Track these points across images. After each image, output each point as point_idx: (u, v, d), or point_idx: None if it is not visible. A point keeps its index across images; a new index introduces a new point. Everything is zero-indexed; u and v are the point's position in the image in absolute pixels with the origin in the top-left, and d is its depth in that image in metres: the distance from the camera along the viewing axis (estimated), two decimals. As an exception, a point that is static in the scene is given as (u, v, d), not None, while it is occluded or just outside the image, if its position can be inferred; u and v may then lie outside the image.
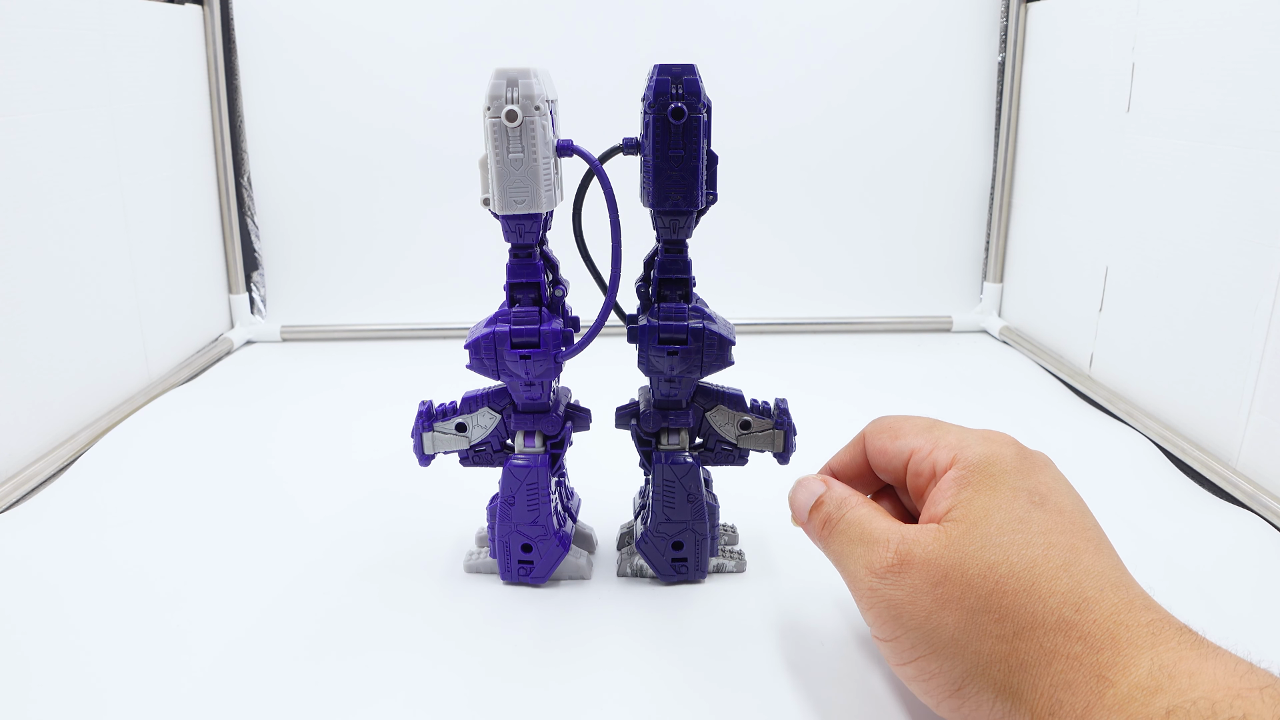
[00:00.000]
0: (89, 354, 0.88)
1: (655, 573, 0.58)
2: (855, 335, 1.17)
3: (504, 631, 0.53)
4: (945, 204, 1.20)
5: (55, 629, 0.54)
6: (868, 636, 0.52)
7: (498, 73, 0.49)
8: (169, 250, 1.03)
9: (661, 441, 0.56)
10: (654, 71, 0.49)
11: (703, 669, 0.50)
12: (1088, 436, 0.82)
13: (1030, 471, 0.42)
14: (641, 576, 0.59)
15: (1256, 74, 0.72)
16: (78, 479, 0.75)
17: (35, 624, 0.54)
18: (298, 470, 0.77)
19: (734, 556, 0.60)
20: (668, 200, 0.51)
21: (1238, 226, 0.74)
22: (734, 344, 0.53)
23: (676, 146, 0.49)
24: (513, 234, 0.52)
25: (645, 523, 0.58)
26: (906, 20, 1.14)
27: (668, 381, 0.54)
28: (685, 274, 0.53)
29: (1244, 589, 0.57)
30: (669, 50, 1.13)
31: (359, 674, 0.49)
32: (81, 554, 0.62)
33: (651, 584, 0.58)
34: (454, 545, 0.63)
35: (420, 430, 0.57)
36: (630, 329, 0.54)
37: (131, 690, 0.48)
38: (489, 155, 0.50)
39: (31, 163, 0.79)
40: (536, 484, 0.55)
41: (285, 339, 1.17)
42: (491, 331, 0.53)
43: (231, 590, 0.58)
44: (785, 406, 0.57)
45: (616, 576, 0.59)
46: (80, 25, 0.86)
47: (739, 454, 0.57)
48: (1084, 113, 0.98)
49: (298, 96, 1.14)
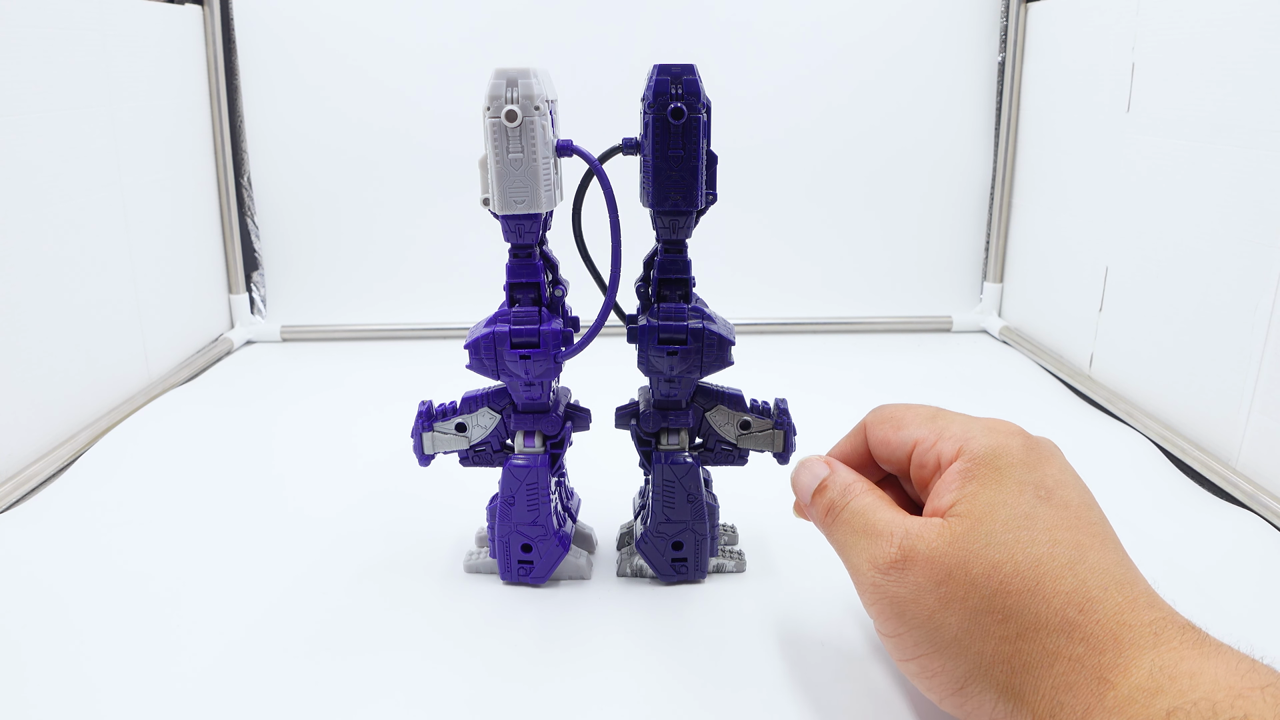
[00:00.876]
0: (89, 354, 0.88)
1: (655, 573, 0.58)
2: (855, 335, 1.17)
3: (504, 631, 0.53)
4: (945, 204, 1.20)
5: (55, 629, 0.53)
6: (868, 638, 0.52)
7: (497, 73, 0.49)
8: (169, 250, 1.03)
9: (661, 441, 0.56)
10: (654, 72, 0.49)
11: (702, 669, 0.50)
12: (1088, 436, 0.82)
13: (1037, 464, 0.42)
14: (641, 576, 0.59)
15: (1257, 74, 0.72)
16: (78, 479, 0.75)
17: (35, 624, 0.54)
18: (298, 470, 0.77)
19: (734, 556, 0.60)
20: (667, 200, 0.51)
21: (1238, 226, 0.74)
22: (733, 344, 0.53)
23: (676, 146, 0.49)
24: (512, 234, 0.52)
25: (645, 523, 0.57)
26: (906, 21, 1.14)
27: (667, 381, 0.54)
28: (685, 274, 0.53)
29: (1244, 589, 0.57)
30: (670, 51, 1.13)
31: (358, 674, 0.49)
32: (81, 554, 0.62)
33: (651, 584, 0.58)
34: (454, 545, 0.63)
35: (420, 430, 0.57)
36: (630, 329, 0.54)
37: (130, 690, 0.48)
38: (489, 155, 0.50)
39: (31, 162, 0.79)
40: (536, 484, 0.55)
41: (285, 339, 1.17)
42: (491, 331, 0.53)
43: (231, 590, 0.58)
44: (785, 407, 0.57)
45: (616, 576, 0.59)
46: (80, 25, 0.86)
47: (739, 454, 0.57)
48: (1084, 113, 0.98)
49: (298, 96, 1.14)
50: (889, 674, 0.49)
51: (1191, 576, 0.58)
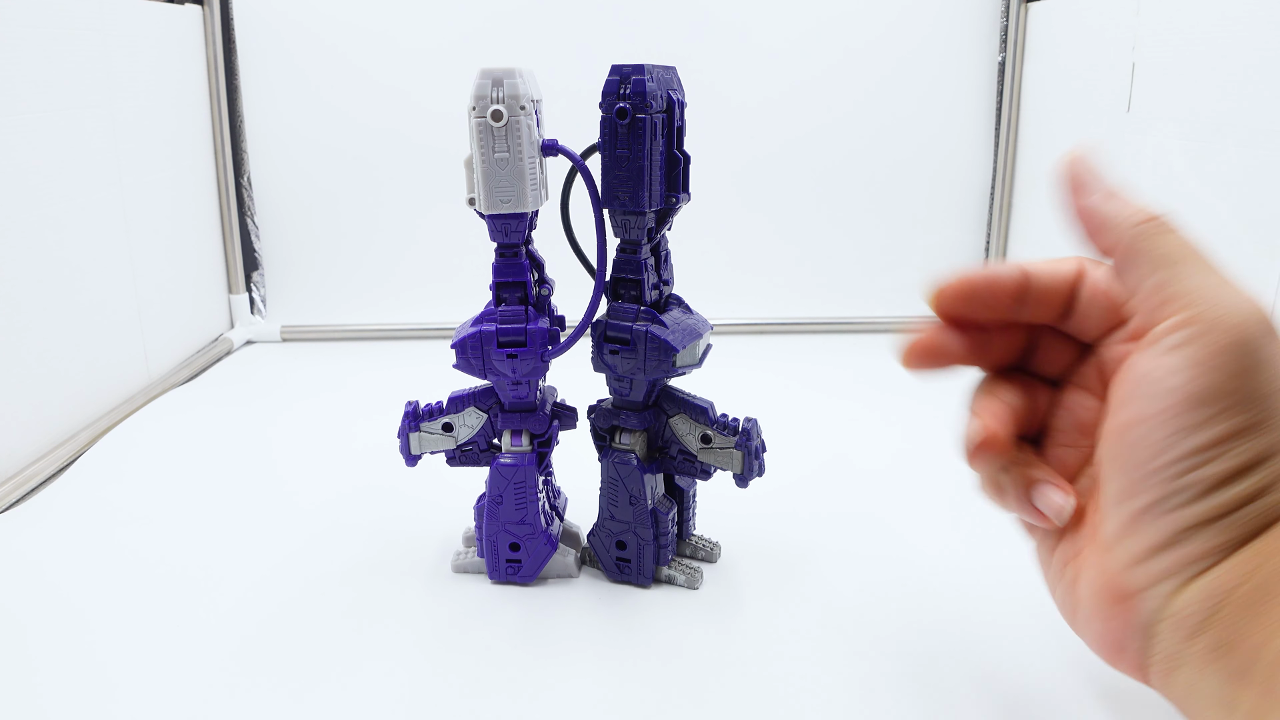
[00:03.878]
0: (89, 354, 0.88)
1: (601, 568, 0.58)
2: (856, 335, 1.17)
3: (491, 630, 0.53)
4: (946, 204, 1.20)
5: (54, 628, 0.54)
6: (864, 648, 0.52)
7: (483, 73, 0.49)
8: (169, 250, 1.04)
9: (615, 439, 0.56)
10: (609, 72, 0.49)
11: (690, 668, 0.50)
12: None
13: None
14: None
15: (1257, 74, 0.71)
16: (78, 479, 0.75)
17: (35, 623, 0.54)
18: (297, 470, 0.77)
19: (686, 571, 0.57)
20: (615, 200, 0.50)
21: (1238, 226, 0.73)
22: (678, 350, 0.51)
23: (622, 146, 0.49)
24: (499, 233, 0.52)
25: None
26: (906, 22, 1.14)
27: (616, 379, 0.54)
28: (637, 275, 0.52)
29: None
30: (672, 56, 1.13)
31: (346, 672, 0.49)
32: (81, 553, 0.63)
33: (639, 584, 0.58)
34: (441, 544, 0.63)
35: (407, 431, 0.57)
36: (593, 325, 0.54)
37: (130, 689, 0.48)
38: (474, 155, 0.50)
39: (31, 162, 0.79)
40: (524, 483, 0.55)
41: (285, 339, 1.17)
42: (478, 331, 0.53)
43: (229, 589, 0.58)
44: (751, 427, 0.54)
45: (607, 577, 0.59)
46: (80, 25, 0.86)
47: (701, 467, 0.56)
48: (1084, 113, 0.98)
49: (298, 96, 1.15)
50: (875, 692, 0.49)
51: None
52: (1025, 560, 0.59)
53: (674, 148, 0.50)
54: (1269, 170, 0.70)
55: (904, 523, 0.66)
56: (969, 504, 0.69)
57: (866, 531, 0.65)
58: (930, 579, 0.58)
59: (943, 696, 0.47)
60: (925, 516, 0.67)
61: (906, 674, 0.49)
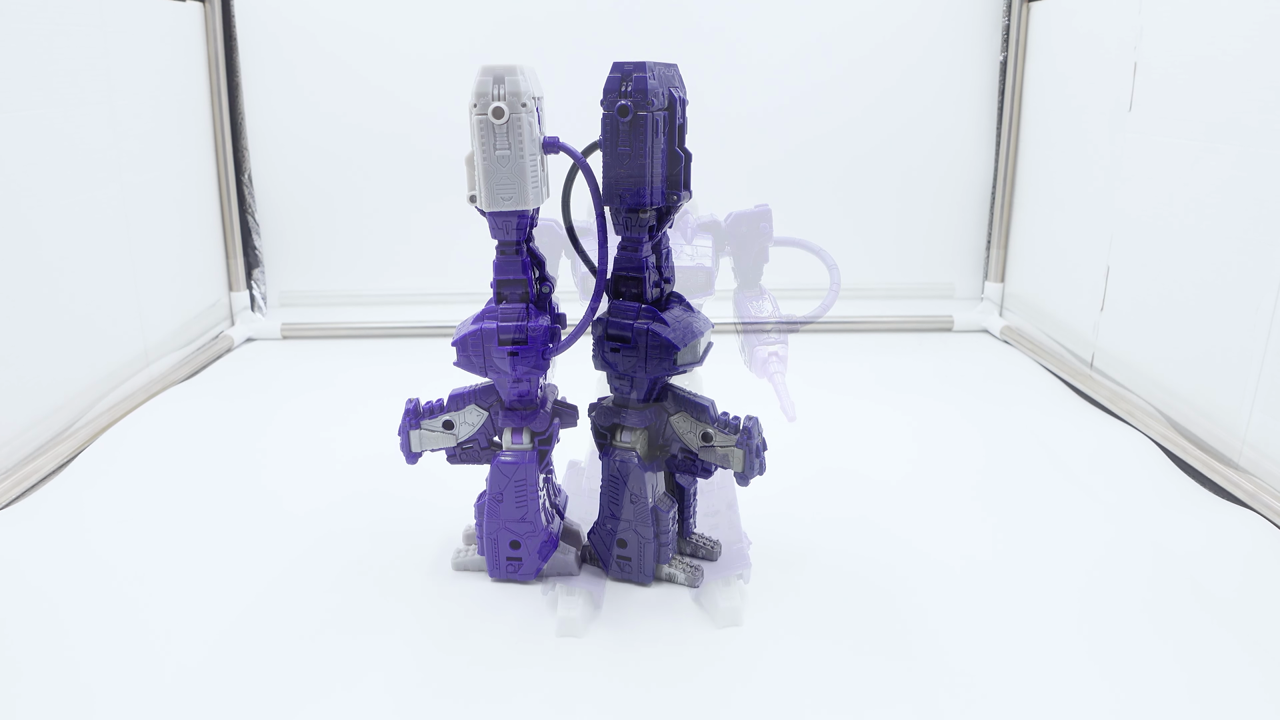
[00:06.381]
0: (89, 351, 0.88)
1: (601, 565, 0.58)
2: (856, 334, 1.17)
3: (491, 627, 0.53)
4: (946, 203, 1.20)
5: (53, 626, 0.54)
6: (865, 649, 0.52)
7: (484, 70, 0.49)
8: (169, 248, 1.04)
9: (616, 437, 0.56)
10: (611, 69, 0.49)
11: (690, 667, 0.50)
12: (1089, 436, 0.81)
13: None
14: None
15: (1258, 74, 0.71)
16: (77, 476, 0.75)
17: (34, 621, 0.54)
18: (297, 467, 0.77)
19: (687, 569, 0.57)
20: (615, 197, 0.50)
21: (1238, 226, 0.73)
22: (679, 348, 0.51)
23: (623, 144, 0.49)
24: (499, 231, 0.52)
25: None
26: (906, 22, 1.14)
27: (618, 378, 0.54)
28: (638, 272, 0.52)
29: (1245, 589, 0.57)
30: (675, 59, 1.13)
31: (345, 669, 0.49)
32: (81, 551, 0.63)
33: (639, 581, 0.58)
34: (441, 542, 0.63)
35: (407, 428, 0.57)
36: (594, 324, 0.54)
37: (129, 689, 0.48)
38: (475, 152, 0.50)
39: (31, 160, 0.79)
40: (525, 481, 0.55)
41: (286, 336, 1.17)
42: (479, 328, 0.53)
43: (227, 587, 0.58)
44: (751, 426, 0.54)
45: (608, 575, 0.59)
46: (81, 22, 0.86)
47: (702, 465, 0.55)
48: (1086, 112, 0.98)
49: (299, 94, 1.15)
50: (879, 695, 0.49)
51: (1192, 576, 0.58)
52: (1033, 566, 0.60)
53: (675, 145, 0.50)
54: (1271, 170, 0.70)
55: (904, 523, 0.66)
56: (974, 508, 0.69)
57: (866, 532, 0.65)
58: (933, 583, 0.58)
59: (943, 698, 0.47)
60: (927, 518, 0.67)
61: (907, 674, 0.49)
